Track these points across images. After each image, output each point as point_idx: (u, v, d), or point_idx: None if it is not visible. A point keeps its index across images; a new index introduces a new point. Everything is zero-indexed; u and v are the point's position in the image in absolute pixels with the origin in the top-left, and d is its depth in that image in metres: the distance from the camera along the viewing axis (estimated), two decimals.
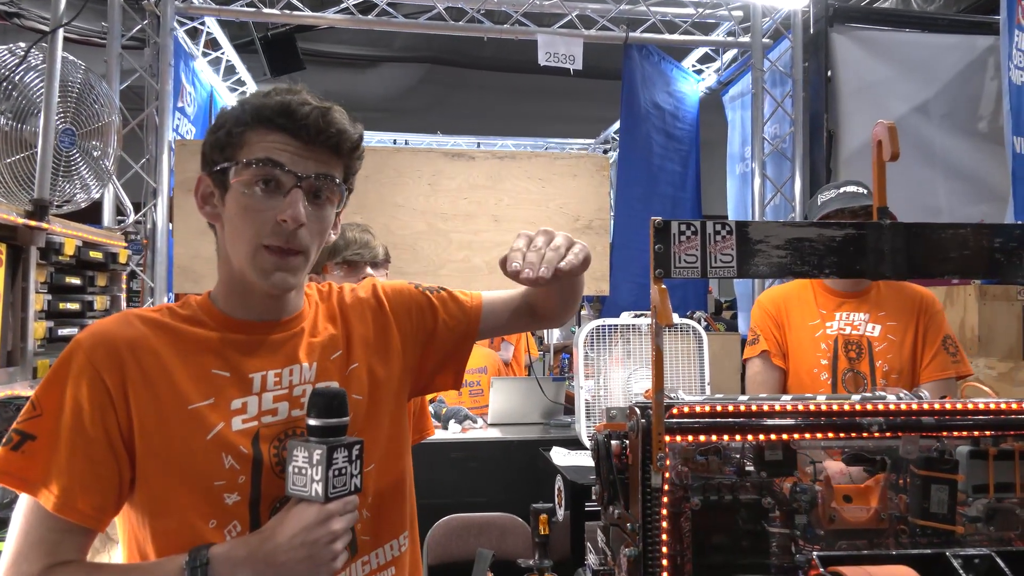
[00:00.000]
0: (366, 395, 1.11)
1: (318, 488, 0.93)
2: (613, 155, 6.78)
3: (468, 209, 3.64)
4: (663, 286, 0.92)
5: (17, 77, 2.29)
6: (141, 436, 0.96)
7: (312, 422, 0.95)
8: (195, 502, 0.97)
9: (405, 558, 1.17)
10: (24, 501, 0.95)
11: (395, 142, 7.10)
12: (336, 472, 0.94)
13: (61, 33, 2.33)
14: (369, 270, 2.03)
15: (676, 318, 3.30)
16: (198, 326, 1.04)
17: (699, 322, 3.52)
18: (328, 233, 1.06)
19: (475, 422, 3.68)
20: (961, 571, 0.80)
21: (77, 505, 0.93)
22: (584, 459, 3.06)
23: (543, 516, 1.98)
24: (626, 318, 3.32)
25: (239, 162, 0.98)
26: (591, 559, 1.25)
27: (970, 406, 1.06)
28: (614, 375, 3.30)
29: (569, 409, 3.89)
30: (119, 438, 0.96)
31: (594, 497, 1.16)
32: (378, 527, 1.11)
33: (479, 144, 7.59)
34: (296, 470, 0.95)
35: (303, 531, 0.93)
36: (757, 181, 4.55)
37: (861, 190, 2.18)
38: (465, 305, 1.25)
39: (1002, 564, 0.81)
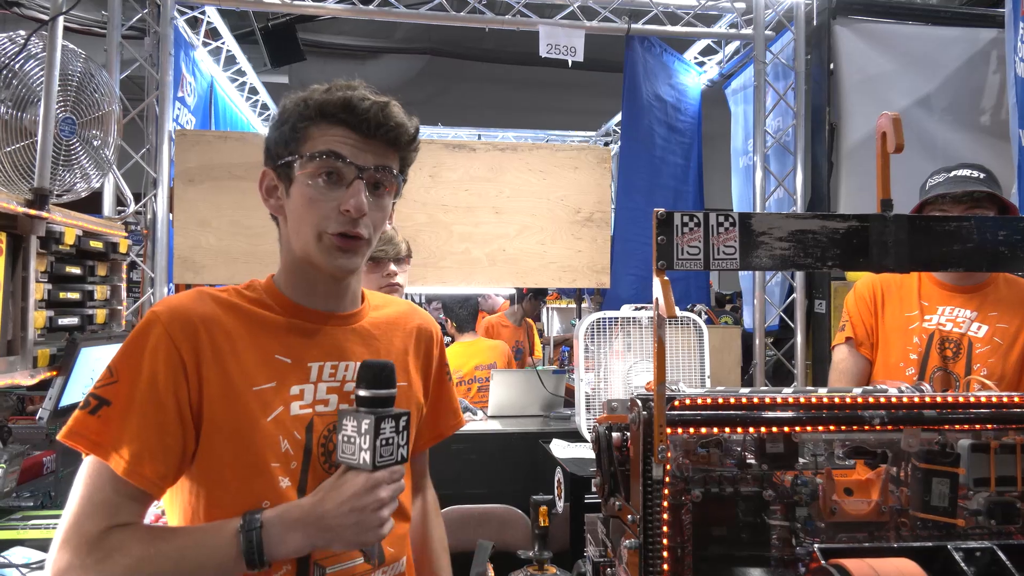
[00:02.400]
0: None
1: (366, 457, 0.96)
2: (614, 147, 6.77)
3: (469, 201, 3.63)
4: (666, 278, 0.91)
5: (17, 65, 2.28)
6: (208, 410, 1.01)
7: (362, 392, 0.99)
8: (252, 480, 1.02)
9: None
10: (88, 464, 0.98)
11: None
12: (383, 442, 0.97)
13: (61, 21, 2.32)
14: (392, 266, 2.09)
15: (677, 311, 3.29)
16: (265, 309, 1.09)
17: (700, 315, 3.52)
18: (386, 221, 1.13)
19: (475, 414, 3.69)
20: (963, 564, 0.80)
21: (144, 471, 0.97)
22: (584, 451, 3.06)
23: (543, 508, 1.98)
24: (627, 311, 3.32)
25: (303, 155, 1.04)
26: (591, 550, 1.26)
27: (972, 399, 1.06)
28: (614, 368, 3.30)
29: (569, 402, 3.89)
30: (188, 410, 1.00)
31: (594, 489, 1.16)
32: (398, 541, 1.15)
33: (480, 136, 7.57)
34: (345, 438, 0.98)
35: (352, 498, 0.97)
36: (759, 174, 4.54)
37: (973, 173, 2.02)
38: (421, 436, 1.31)
39: (1003, 557, 0.81)
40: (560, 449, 3.17)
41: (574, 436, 3.32)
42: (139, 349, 1.00)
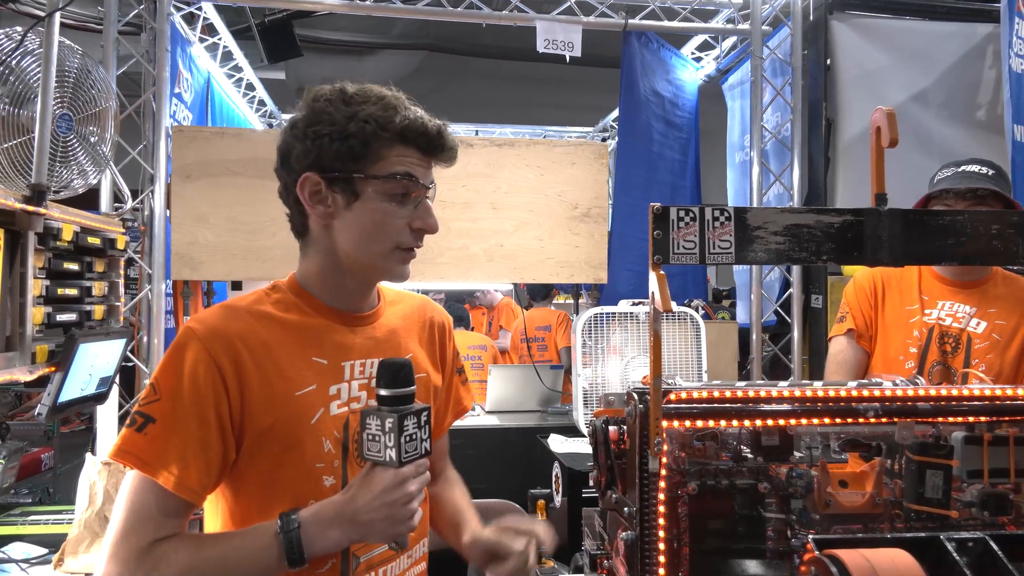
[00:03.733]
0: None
1: (392, 454, 1.00)
2: (612, 143, 6.77)
3: (466, 197, 3.64)
4: (662, 272, 0.92)
5: (14, 62, 2.28)
6: (253, 420, 1.05)
7: (383, 392, 1.02)
8: (298, 483, 1.07)
9: (426, 558, 1.30)
10: (132, 479, 1.03)
11: None
12: (408, 438, 1.01)
13: (58, 17, 2.31)
14: None
15: (674, 306, 3.30)
16: (296, 312, 1.14)
17: (697, 310, 3.53)
18: None
19: (472, 409, 3.69)
20: (955, 554, 0.81)
21: (191, 484, 1.02)
22: (581, 446, 3.07)
23: (540, 501, 1.99)
24: (624, 306, 3.33)
25: (379, 175, 1.09)
26: (588, 543, 1.27)
27: (965, 392, 1.07)
28: (612, 363, 3.31)
29: (567, 397, 3.90)
30: (229, 422, 1.05)
31: (592, 483, 1.17)
32: (419, 525, 1.19)
33: (477, 132, 7.57)
34: (370, 436, 1.02)
35: (382, 493, 1.01)
36: (756, 169, 4.55)
37: (981, 169, 2.02)
38: (439, 422, 1.37)
39: (996, 547, 0.82)
40: (558, 444, 3.18)
41: (572, 431, 3.33)
42: (179, 366, 1.04)
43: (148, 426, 1.02)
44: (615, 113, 6.69)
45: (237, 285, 3.87)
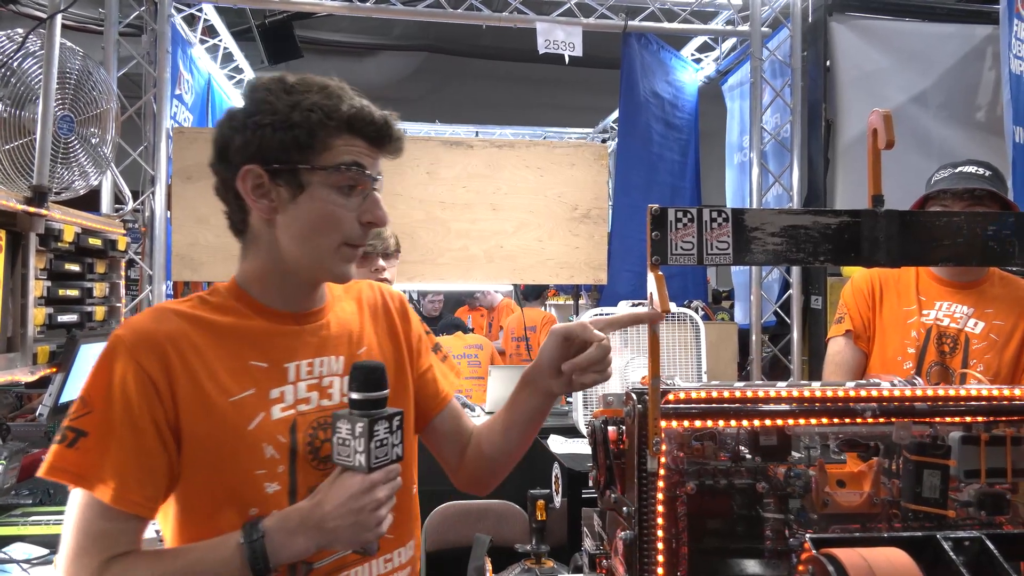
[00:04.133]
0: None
1: (361, 459, 0.98)
2: (612, 144, 6.78)
3: (466, 198, 3.64)
4: (660, 273, 0.93)
5: (15, 63, 2.29)
6: (186, 428, 1.00)
7: (354, 396, 0.99)
8: (239, 492, 1.02)
9: (416, 563, 1.22)
10: (77, 497, 0.98)
11: None
12: (378, 443, 0.98)
13: (59, 19, 2.32)
14: (380, 261, 2.08)
15: (674, 307, 3.31)
16: (233, 315, 1.08)
17: (696, 311, 3.53)
18: None
19: (472, 410, 3.70)
20: (951, 553, 0.82)
21: (132, 496, 0.97)
22: (581, 447, 3.08)
23: (540, 502, 2.00)
24: (624, 307, 3.33)
25: (326, 166, 1.03)
26: (588, 543, 1.27)
27: (963, 392, 1.07)
28: (611, 363, 3.31)
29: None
30: (167, 429, 1.00)
31: (591, 483, 1.18)
32: (397, 528, 1.14)
33: (477, 133, 7.57)
34: (340, 441, 0.99)
35: (350, 499, 0.98)
36: (755, 170, 4.55)
37: (978, 170, 2.02)
38: (435, 395, 1.30)
39: (992, 546, 0.82)
40: (558, 444, 3.19)
41: (571, 431, 3.34)
42: (107, 375, 0.99)
43: (80, 440, 0.97)
44: (615, 114, 6.69)
45: None
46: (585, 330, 1.11)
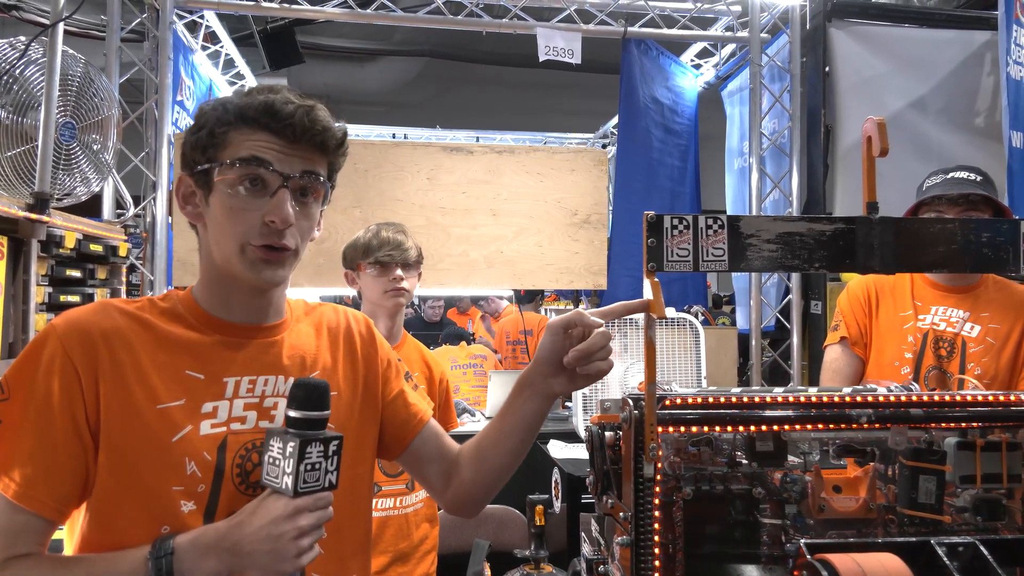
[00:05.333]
0: (339, 427, 1.07)
1: (288, 481, 0.91)
2: (612, 150, 6.79)
3: (466, 203, 3.65)
4: (656, 279, 0.93)
5: (18, 71, 2.30)
6: (106, 429, 0.94)
7: (292, 413, 0.94)
8: (150, 506, 0.94)
9: None
10: None
11: (394, 136, 7.10)
12: (309, 467, 0.92)
13: (61, 27, 2.34)
14: (399, 271, 2.01)
15: (673, 312, 3.31)
16: (177, 323, 1.03)
17: (696, 316, 3.53)
18: (314, 230, 1.06)
19: (473, 415, 3.70)
20: (945, 559, 0.82)
21: (38, 494, 0.91)
22: (581, 452, 3.08)
23: (539, 507, 2.00)
24: None
25: (223, 162, 0.98)
26: (586, 549, 1.27)
27: (958, 398, 1.07)
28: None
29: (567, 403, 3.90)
30: (87, 428, 0.93)
31: (588, 487, 1.18)
32: (343, 561, 1.09)
33: (478, 138, 7.59)
34: (271, 460, 0.93)
35: (270, 523, 0.91)
36: (755, 176, 4.56)
37: (970, 176, 2.03)
38: (410, 419, 1.23)
39: (986, 552, 0.83)
40: (558, 450, 3.19)
41: (571, 436, 3.34)
42: (33, 364, 0.93)
43: None
44: (615, 119, 6.71)
45: None
46: (583, 317, 1.07)
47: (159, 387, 0.97)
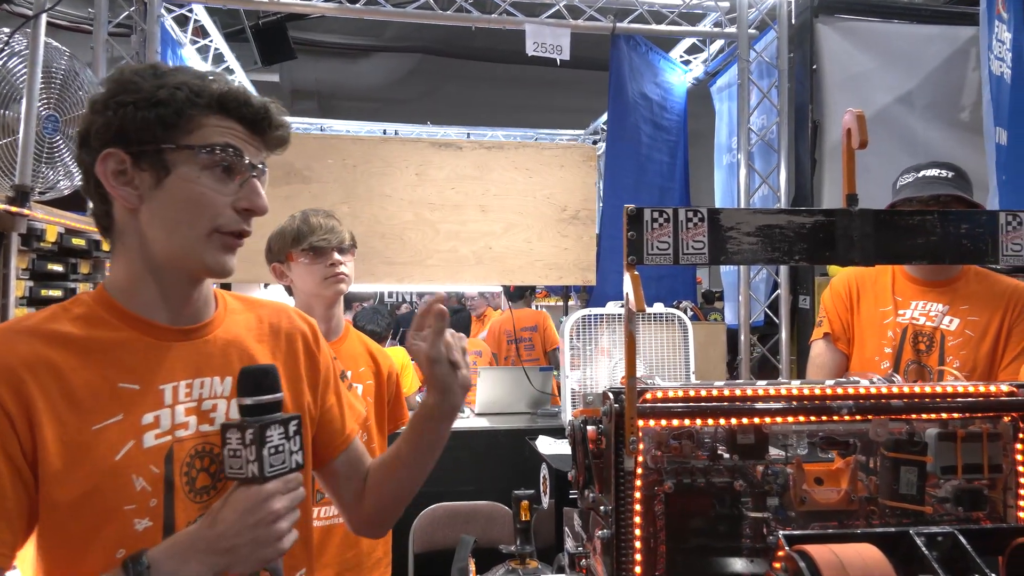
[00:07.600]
0: None
1: (254, 468, 0.90)
2: (602, 146, 6.79)
3: (455, 199, 3.64)
4: (636, 272, 0.93)
5: (0, 63, 2.28)
6: (44, 462, 0.89)
7: (245, 402, 0.93)
8: (103, 531, 0.90)
9: None
10: None
11: (384, 132, 7.08)
12: (272, 450, 0.91)
13: (44, 19, 2.32)
14: (336, 255, 1.89)
15: (662, 307, 3.32)
16: (100, 327, 0.96)
17: (685, 312, 3.54)
18: None
19: (463, 412, 3.70)
20: (924, 548, 0.82)
21: None
22: (569, 448, 3.08)
23: (524, 502, 1.99)
24: (612, 308, 3.34)
25: (194, 146, 0.95)
26: (569, 543, 1.27)
27: (939, 389, 1.08)
28: (600, 364, 3.32)
29: (557, 398, 3.91)
30: (25, 466, 0.88)
31: (571, 480, 1.18)
32: (298, 552, 1.06)
33: (468, 134, 7.58)
34: (231, 452, 0.91)
35: (244, 513, 0.89)
36: (743, 171, 4.57)
37: (941, 173, 2.02)
38: (337, 434, 1.21)
39: (964, 541, 0.83)
40: (546, 446, 3.19)
41: (560, 432, 3.34)
42: None
43: None
44: (605, 116, 6.71)
45: (225, 286, 3.86)
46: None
47: (92, 406, 0.92)
